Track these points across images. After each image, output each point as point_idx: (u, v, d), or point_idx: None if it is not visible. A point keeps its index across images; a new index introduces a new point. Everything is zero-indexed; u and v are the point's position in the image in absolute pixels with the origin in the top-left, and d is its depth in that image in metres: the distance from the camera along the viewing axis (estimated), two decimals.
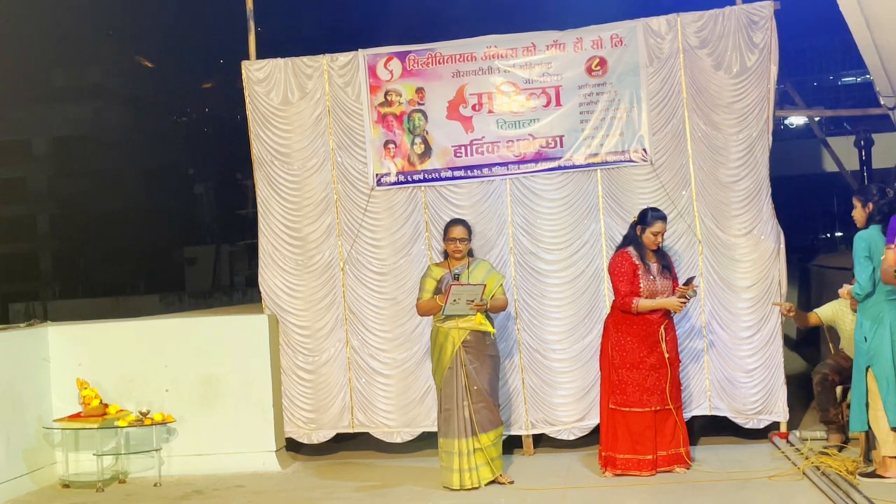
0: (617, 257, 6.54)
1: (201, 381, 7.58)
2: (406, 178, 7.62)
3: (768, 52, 7.16)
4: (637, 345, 6.43)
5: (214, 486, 7.09)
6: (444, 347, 6.48)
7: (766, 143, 7.18)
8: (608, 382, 6.51)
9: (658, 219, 6.50)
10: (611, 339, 6.51)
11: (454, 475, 6.42)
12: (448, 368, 6.47)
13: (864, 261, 5.86)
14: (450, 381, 6.46)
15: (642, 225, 6.50)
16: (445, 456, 6.50)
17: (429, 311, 6.63)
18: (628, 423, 6.43)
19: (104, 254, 44.19)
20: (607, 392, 6.51)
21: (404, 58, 7.64)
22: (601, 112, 7.36)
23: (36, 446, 7.38)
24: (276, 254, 7.80)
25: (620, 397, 6.43)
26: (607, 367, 6.52)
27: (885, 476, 5.84)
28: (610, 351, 6.50)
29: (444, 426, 6.49)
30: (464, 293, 6.35)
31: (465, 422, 6.41)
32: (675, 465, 6.49)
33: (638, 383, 6.41)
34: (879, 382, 5.82)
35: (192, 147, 44.48)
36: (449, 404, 6.46)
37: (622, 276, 6.43)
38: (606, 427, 6.54)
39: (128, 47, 44.74)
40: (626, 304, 6.40)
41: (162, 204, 43.76)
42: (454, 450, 6.41)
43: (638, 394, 6.40)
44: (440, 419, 6.55)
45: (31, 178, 45.53)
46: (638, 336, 6.43)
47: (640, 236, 6.50)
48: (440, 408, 6.55)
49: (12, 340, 7.53)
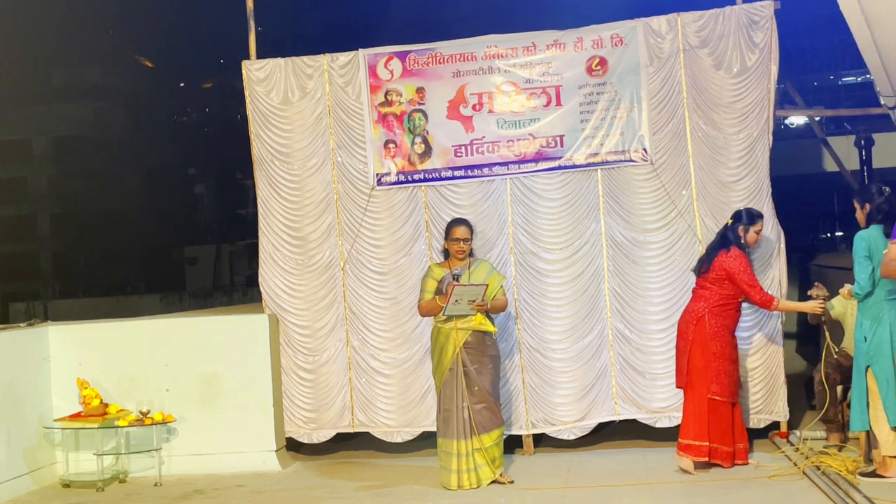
0: (738, 256, 6.50)
1: (202, 380, 7.59)
2: (406, 177, 7.62)
3: (769, 51, 7.16)
4: (732, 340, 6.60)
5: (215, 486, 7.10)
6: (445, 348, 6.48)
7: (767, 143, 7.18)
8: (707, 372, 6.49)
9: (760, 217, 6.69)
10: (711, 329, 6.52)
11: (452, 476, 6.42)
12: (448, 370, 6.47)
13: (864, 260, 5.87)
14: (450, 382, 6.46)
15: (746, 224, 6.61)
16: (444, 456, 6.50)
17: (430, 312, 6.63)
18: (721, 414, 6.50)
19: (104, 253, 44.17)
20: (705, 382, 6.49)
21: (405, 57, 7.64)
22: (601, 112, 7.37)
23: (36, 446, 7.38)
24: (277, 253, 7.80)
25: (718, 387, 6.49)
26: (706, 357, 6.49)
27: (885, 476, 5.83)
28: (711, 342, 6.50)
29: (444, 427, 6.49)
30: (466, 293, 6.35)
31: (464, 423, 6.41)
32: (744, 459, 6.59)
33: (733, 377, 6.55)
34: (879, 382, 5.82)
35: (192, 147, 44.48)
36: (448, 405, 6.46)
37: (751, 272, 6.52)
38: (699, 417, 6.48)
39: (128, 47, 44.71)
40: (768, 301, 6.50)
41: (162, 204, 43.72)
42: (452, 450, 6.42)
43: (732, 387, 6.54)
44: (439, 419, 6.55)
45: (31, 178, 45.47)
46: (731, 332, 6.60)
47: (743, 236, 6.59)
48: (440, 408, 6.55)
49: (13, 340, 7.53)
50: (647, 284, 7.33)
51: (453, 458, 6.42)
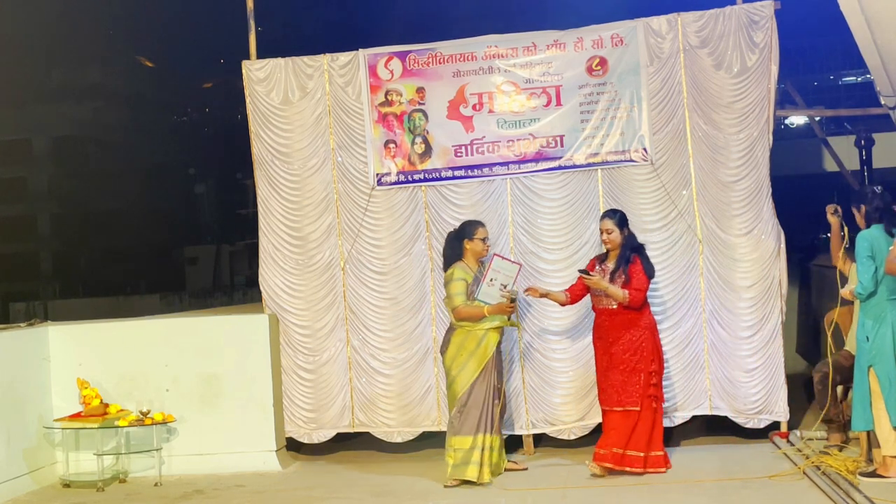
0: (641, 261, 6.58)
1: (202, 380, 7.59)
2: (406, 177, 7.62)
3: (769, 51, 7.16)
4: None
5: (215, 486, 7.10)
6: (479, 351, 6.56)
7: (767, 143, 7.18)
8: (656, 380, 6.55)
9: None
10: (655, 338, 6.59)
11: (471, 468, 6.50)
12: (482, 370, 6.57)
13: (867, 260, 5.89)
14: (481, 381, 6.57)
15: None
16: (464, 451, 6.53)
17: (470, 317, 6.60)
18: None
19: (104, 254, 44.18)
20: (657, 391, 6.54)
21: (405, 57, 7.64)
22: (602, 112, 7.36)
23: (36, 446, 7.38)
24: (277, 253, 7.80)
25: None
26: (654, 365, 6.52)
27: (885, 476, 5.84)
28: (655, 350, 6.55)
29: (468, 423, 6.53)
30: (502, 271, 6.51)
31: (492, 419, 6.57)
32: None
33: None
34: (881, 382, 5.83)
35: (193, 147, 44.45)
36: (479, 402, 6.54)
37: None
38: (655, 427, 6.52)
39: (128, 47, 44.68)
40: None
41: (162, 204, 43.72)
42: (478, 444, 6.51)
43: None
44: (461, 416, 6.56)
45: (31, 178, 45.46)
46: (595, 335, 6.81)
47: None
48: (463, 404, 6.56)
49: (13, 340, 7.54)
50: None
51: (477, 451, 6.51)
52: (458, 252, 6.75)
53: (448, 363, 6.66)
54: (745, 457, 6.86)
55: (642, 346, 6.50)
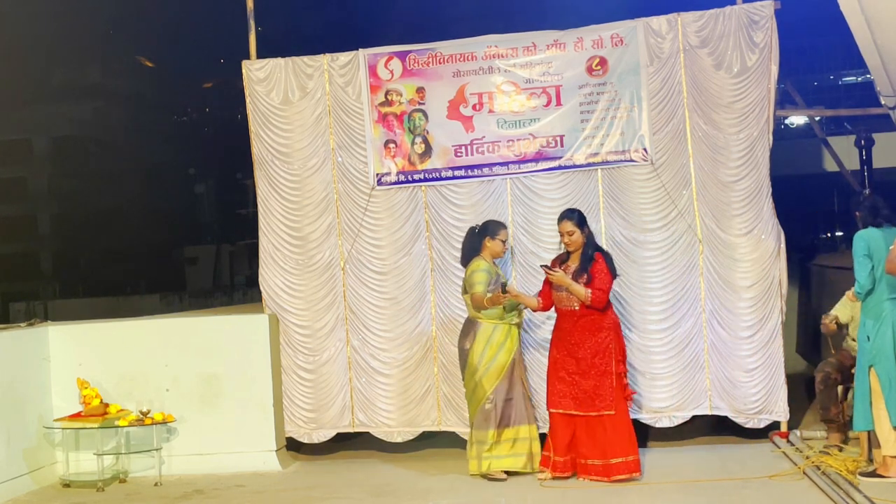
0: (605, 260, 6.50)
1: (202, 380, 7.59)
2: (406, 177, 7.63)
3: (769, 51, 7.16)
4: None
5: (215, 486, 7.09)
6: (506, 344, 6.68)
7: (767, 143, 7.18)
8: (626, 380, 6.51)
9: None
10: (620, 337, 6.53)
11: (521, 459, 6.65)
12: (510, 362, 6.67)
13: (863, 259, 5.93)
14: (508, 375, 6.67)
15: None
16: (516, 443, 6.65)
17: (480, 305, 6.68)
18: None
19: (104, 253, 44.13)
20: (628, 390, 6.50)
21: (405, 57, 7.64)
22: (602, 112, 7.37)
23: (36, 446, 7.38)
24: (277, 253, 7.80)
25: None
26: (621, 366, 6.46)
27: (886, 476, 5.84)
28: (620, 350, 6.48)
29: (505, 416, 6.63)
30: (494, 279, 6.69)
31: (526, 409, 6.71)
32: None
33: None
34: (882, 381, 5.84)
35: (193, 147, 44.44)
36: (511, 394, 6.66)
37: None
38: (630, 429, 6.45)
39: (128, 47, 44.67)
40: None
41: (162, 204, 43.68)
42: (526, 436, 6.68)
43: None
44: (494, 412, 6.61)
45: (31, 178, 45.44)
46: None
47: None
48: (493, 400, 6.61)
49: (13, 340, 7.54)
50: (647, 284, 7.33)
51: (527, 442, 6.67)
52: (476, 248, 6.81)
53: (475, 358, 6.67)
54: (745, 457, 6.86)
55: (608, 348, 6.35)
